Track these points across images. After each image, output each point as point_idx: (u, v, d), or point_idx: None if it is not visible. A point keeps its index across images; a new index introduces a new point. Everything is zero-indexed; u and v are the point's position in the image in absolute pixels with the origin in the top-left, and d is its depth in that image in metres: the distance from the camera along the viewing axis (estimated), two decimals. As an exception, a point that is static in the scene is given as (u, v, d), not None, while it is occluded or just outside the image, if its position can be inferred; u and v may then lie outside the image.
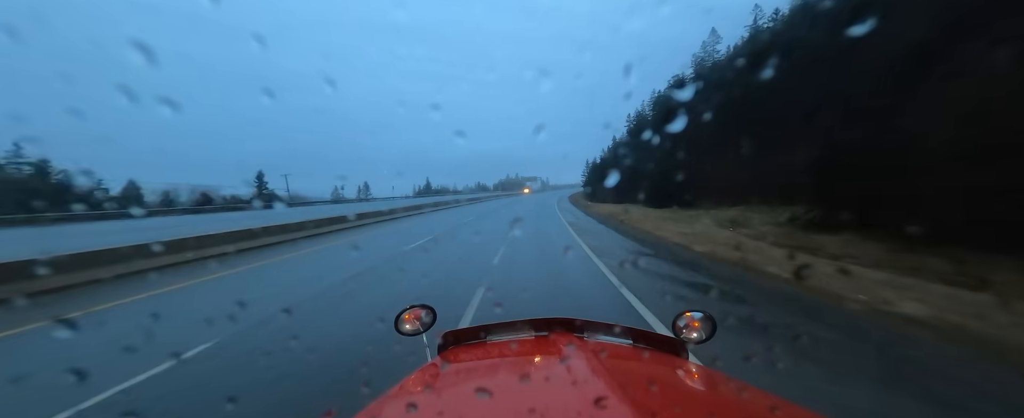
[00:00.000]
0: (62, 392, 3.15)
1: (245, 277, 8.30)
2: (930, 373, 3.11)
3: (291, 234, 14.92)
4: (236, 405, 2.89)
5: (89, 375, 3.47)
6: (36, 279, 7.47)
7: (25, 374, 3.53)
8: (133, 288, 7.38)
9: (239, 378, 3.38)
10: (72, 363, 3.82)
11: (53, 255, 8.65)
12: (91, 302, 6.41)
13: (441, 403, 0.91)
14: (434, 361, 1.19)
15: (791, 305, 5.06)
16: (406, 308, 1.50)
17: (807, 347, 3.62)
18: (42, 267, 7.71)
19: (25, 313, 5.94)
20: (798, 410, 0.83)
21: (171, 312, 5.72)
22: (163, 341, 4.48)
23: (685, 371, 1.11)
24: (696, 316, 1.30)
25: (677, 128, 2.32)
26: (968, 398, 2.74)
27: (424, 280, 6.92)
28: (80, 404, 2.96)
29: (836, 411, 2.43)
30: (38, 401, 3.13)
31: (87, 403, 2.99)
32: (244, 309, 5.54)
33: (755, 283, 6.12)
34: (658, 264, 7.66)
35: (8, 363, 4.10)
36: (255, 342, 4.19)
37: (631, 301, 5.05)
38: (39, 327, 5.13)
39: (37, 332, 4.98)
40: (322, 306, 5.56)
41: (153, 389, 3.22)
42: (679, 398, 0.93)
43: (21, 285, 7.20)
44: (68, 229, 30.42)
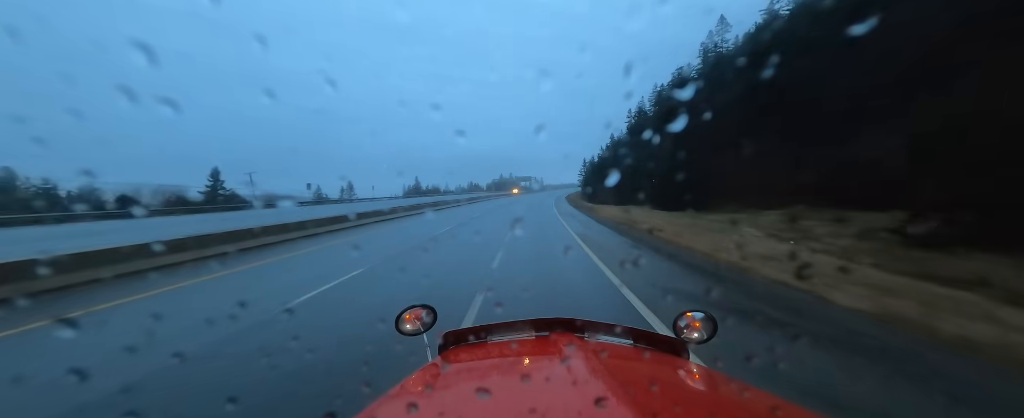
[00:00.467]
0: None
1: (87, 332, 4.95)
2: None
3: (212, 249, 11.25)
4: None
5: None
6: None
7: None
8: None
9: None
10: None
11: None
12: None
13: (441, 403, 0.92)
14: (435, 361, 1.18)
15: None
16: (407, 308, 1.49)
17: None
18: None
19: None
20: (799, 410, 0.84)
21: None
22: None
23: (686, 371, 1.10)
24: (697, 316, 1.28)
25: (679, 127, 2.22)
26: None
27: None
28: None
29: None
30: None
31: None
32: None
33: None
34: (823, 354, 3.43)
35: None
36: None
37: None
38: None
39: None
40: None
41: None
42: (680, 398, 0.94)
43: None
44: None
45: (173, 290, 7.15)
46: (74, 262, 7.78)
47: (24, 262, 7.01)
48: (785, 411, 0.82)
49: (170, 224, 28.36)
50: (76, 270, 7.70)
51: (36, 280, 7.14)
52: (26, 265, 7.00)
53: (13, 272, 6.89)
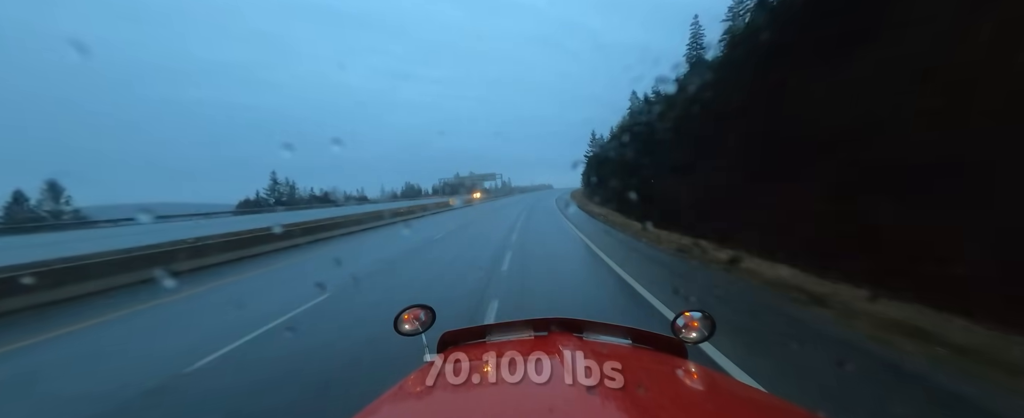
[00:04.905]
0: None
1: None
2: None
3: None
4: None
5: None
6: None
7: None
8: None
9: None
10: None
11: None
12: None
13: (440, 403, 0.92)
14: (433, 361, 1.14)
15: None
16: (405, 308, 1.49)
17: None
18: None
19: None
20: (798, 410, 0.84)
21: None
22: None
23: (685, 371, 1.08)
24: (695, 316, 1.29)
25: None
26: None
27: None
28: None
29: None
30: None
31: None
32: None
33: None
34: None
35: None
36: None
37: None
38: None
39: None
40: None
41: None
42: (679, 398, 0.94)
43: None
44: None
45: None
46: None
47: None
48: (784, 411, 0.82)
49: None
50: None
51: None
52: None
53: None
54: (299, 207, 74.23)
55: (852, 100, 6.81)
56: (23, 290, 7.69)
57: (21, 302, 7.69)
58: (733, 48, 13.62)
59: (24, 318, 7.27)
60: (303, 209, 64.89)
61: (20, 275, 7.87)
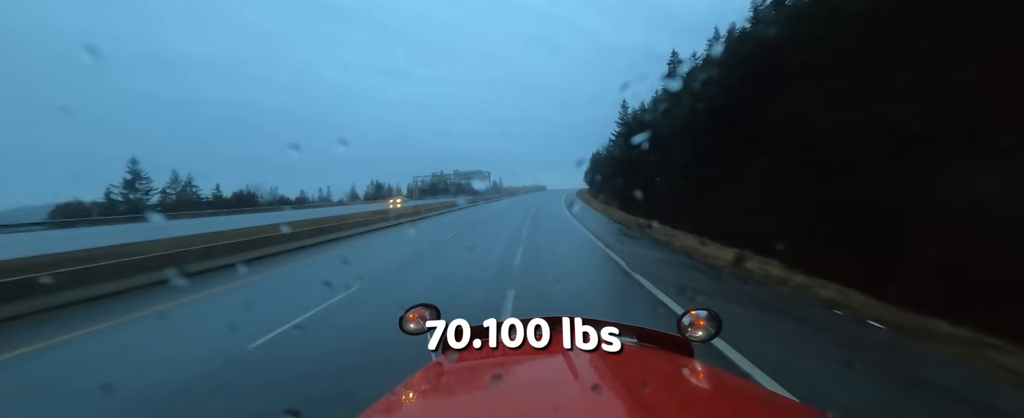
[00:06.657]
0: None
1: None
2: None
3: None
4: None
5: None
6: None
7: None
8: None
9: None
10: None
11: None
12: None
13: (445, 401, 0.92)
14: (437, 360, 1.18)
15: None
16: (410, 307, 1.49)
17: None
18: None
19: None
20: (803, 408, 0.83)
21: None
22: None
23: (691, 370, 1.08)
24: (701, 314, 1.27)
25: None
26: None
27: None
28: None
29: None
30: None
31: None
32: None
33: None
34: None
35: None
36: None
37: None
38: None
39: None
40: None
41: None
42: (684, 396, 0.92)
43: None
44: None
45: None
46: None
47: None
48: (789, 409, 0.82)
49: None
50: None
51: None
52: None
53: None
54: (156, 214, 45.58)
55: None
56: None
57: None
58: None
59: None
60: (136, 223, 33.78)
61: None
